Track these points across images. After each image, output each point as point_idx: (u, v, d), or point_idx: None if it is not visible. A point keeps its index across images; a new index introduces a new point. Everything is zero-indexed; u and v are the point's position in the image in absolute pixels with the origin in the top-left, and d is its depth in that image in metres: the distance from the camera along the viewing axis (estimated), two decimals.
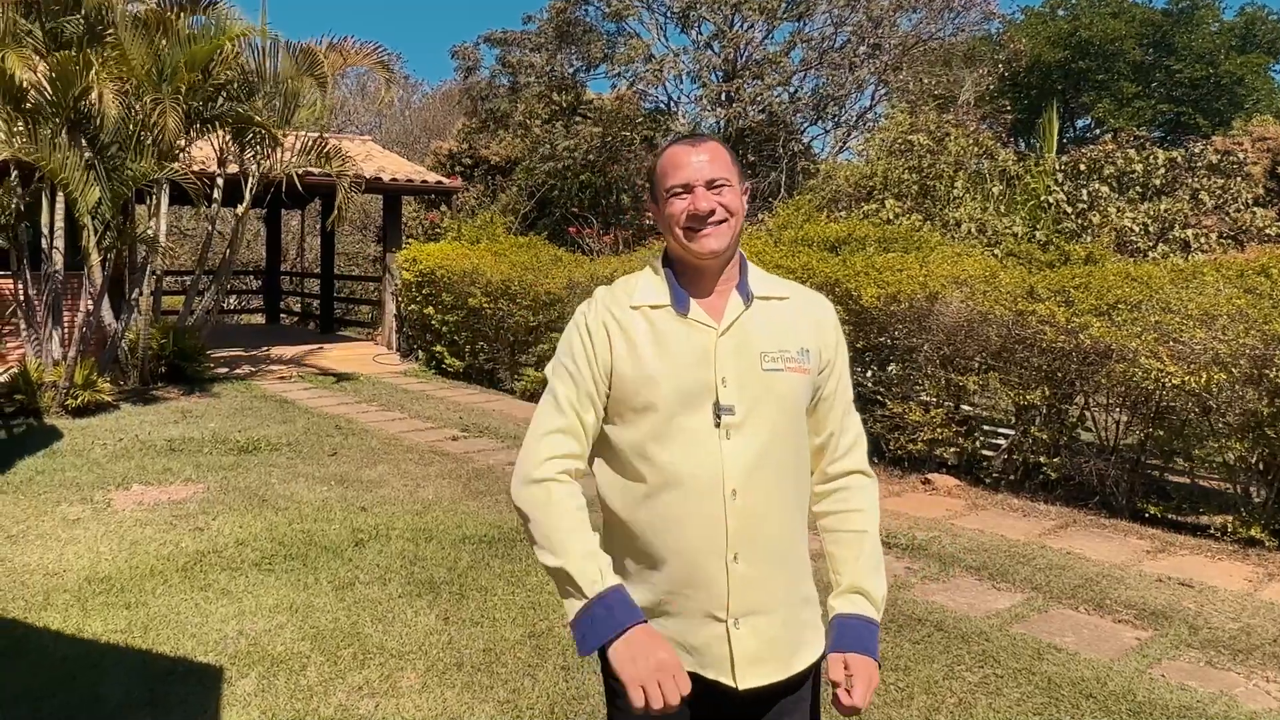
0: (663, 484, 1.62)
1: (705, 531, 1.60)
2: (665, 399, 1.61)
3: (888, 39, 18.17)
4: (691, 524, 1.61)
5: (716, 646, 1.63)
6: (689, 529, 1.61)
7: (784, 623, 1.66)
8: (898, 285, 6.70)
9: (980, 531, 5.55)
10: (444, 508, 5.74)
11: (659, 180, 1.69)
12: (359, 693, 3.36)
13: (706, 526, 1.60)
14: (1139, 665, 3.76)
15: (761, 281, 1.75)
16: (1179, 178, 10.25)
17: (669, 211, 1.66)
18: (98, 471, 6.37)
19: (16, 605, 4.07)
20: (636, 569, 1.68)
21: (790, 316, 1.71)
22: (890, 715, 3.28)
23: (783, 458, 1.66)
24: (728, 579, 1.61)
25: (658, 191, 1.70)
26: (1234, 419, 5.45)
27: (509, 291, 10.27)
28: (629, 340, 1.66)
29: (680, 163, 1.66)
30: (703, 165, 1.65)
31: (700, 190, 1.64)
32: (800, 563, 1.71)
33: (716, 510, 1.60)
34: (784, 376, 1.66)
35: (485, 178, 19.50)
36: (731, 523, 1.60)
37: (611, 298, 1.72)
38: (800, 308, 1.74)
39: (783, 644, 1.66)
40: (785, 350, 1.67)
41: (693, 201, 1.64)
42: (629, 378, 1.64)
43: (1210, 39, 29.44)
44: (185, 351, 9.95)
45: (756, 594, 1.63)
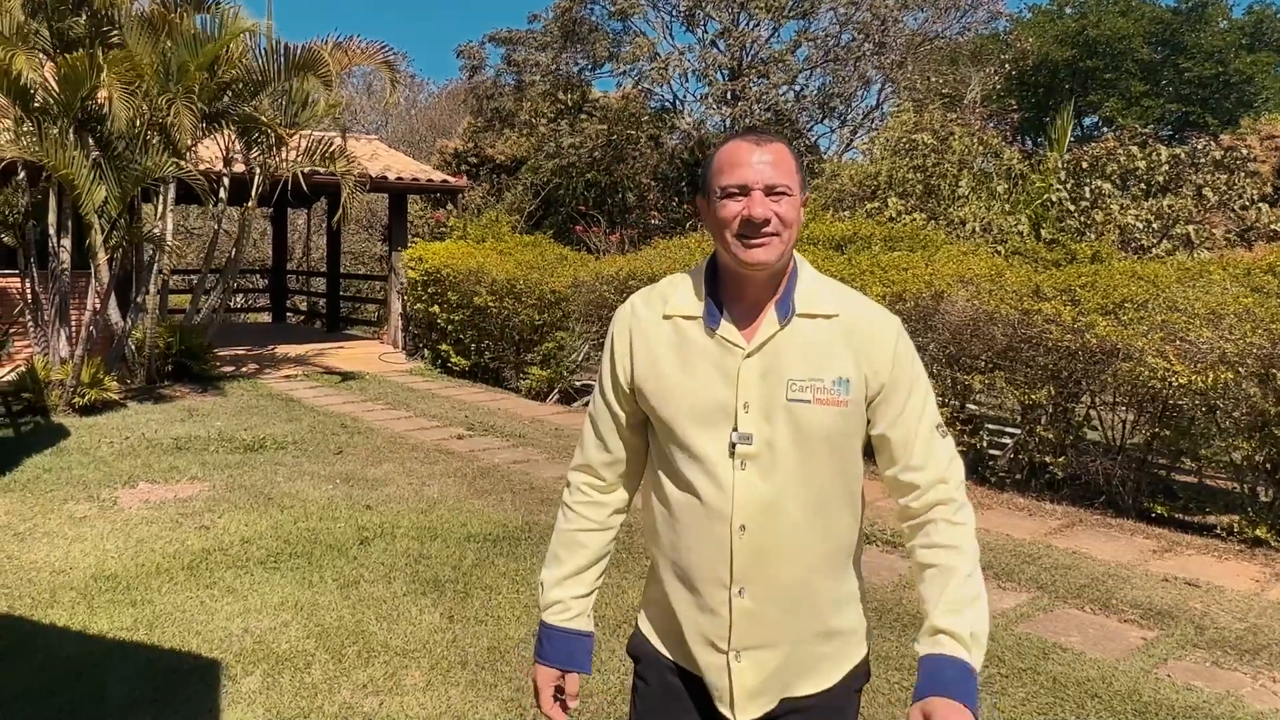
0: (679, 504, 1.57)
1: (710, 560, 1.54)
2: (681, 416, 1.55)
3: (894, 37, 18.14)
4: (699, 550, 1.56)
5: (717, 677, 1.58)
6: (695, 554, 1.56)
7: (791, 656, 1.57)
8: (903, 284, 6.69)
9: (986, 531, 5.54)
10: (449, 506, 5.74)
11: (714, 175, 1.53)
12: (363, 691, 3.37)
13: (713, 555, 1.54)
14: (1145, 665, 3.75)
15: (810, 295, 1.56)
16: (1183, 174, 10.21)
17: (721, 214, 1.51)
18: (104, 469, 6.39)
19: (23, 603, 4.09)
20: (654, 588, 1.67)
21: (831, 339, 1.54)
22: (894, 715, 3.28)
23: (808, 497, 1.54)
24: (730, 612, 1.54)
25: (710, 187, 1.54)
26: (1241, 418, 5.43)
27: (514, 290, 10.28)
28: (651, 354, 1.59)
29: (740, 160, 1.50)
30: (765, 168, 1.49)
31: (758, 195, 1.48)
32: (827, 602, 1.59)
33: (722, 543, 1.53)
34: (811, 409, 1.51)
35: (491, 176, 19.53)
36: (738, 559, 1.52)
37: (646, 303, 1.64)
38: (848, 327, 1.55)
39: (786, 675, 1.58)
40: (818, 379, 1.51)
41: (748, 206, 1.48)
42: (651, 391, 1.58)
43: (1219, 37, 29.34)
44: (192, 350, 9.99)
45: (762, 631, 1.55)
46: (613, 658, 3.64)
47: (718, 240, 1.54)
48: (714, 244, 1.58)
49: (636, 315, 1.62)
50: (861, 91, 19.20)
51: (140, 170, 8.51)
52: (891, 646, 3.82)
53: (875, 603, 4.32)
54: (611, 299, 9.12)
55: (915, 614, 4.18)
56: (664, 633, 1.66)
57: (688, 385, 1.54)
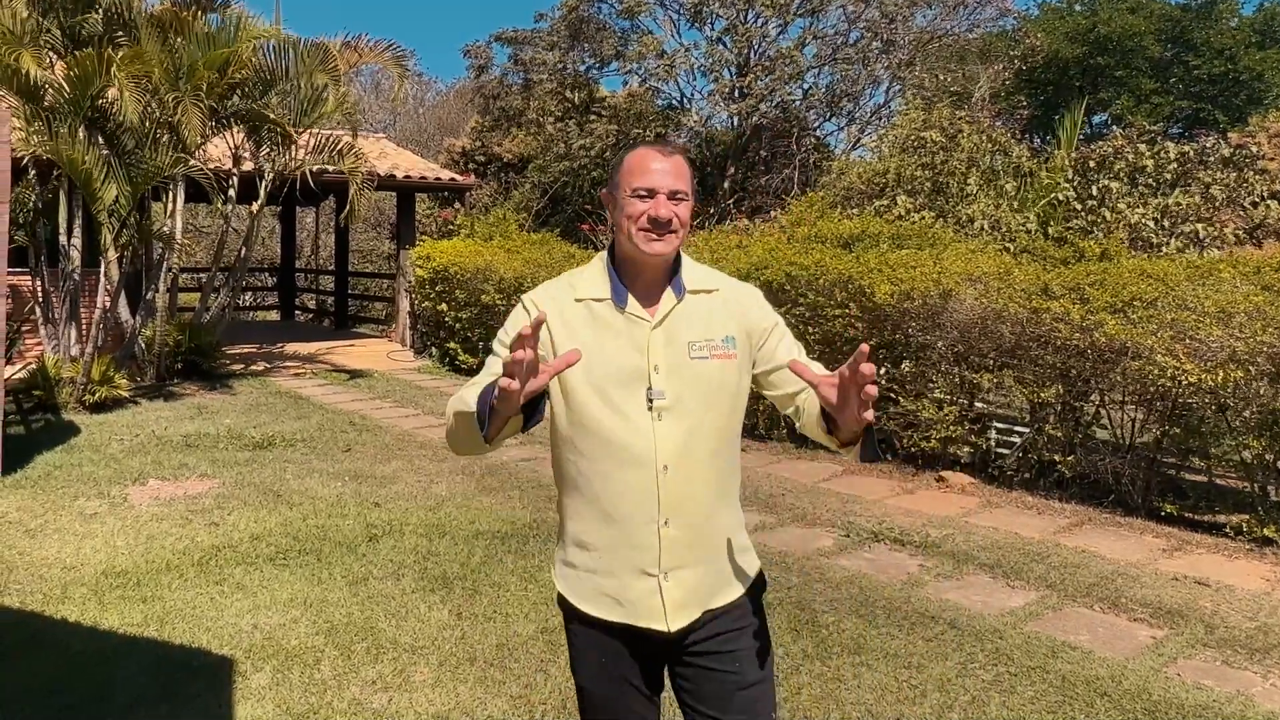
0: (602, 457, 1.80)
1: (640, 500, 1.79)
2: (606, 380, 1.78)
3: (902, 35, 18.09)
4: (629, 493, 1.79)
5: (649, 599, 1.81)
6: (626, 498, 1.79)
7: (705, 573, 1.84)
8: (911, 282, 6.68)
9: (994, 529, 5.53)
10: (457, 503, 5.76)
11: (624, 176, 1.81)
12: (372, 687, 3.38)
13: (642, 496, 1.79)
14: (1154, 664, 3.74)
15: (695, 277, 1.89)
16: (1191, 172, 10.16)
17: (629, 211, 1.79)
18: (114, 466, 6.42)
19: (35, 599, 4.11)
20: (580, 532, 1.86)
21: (716, 308, 1.87)
22: (903, 713, 3.28)
23: (709, 435, 1.82)
24: (659, 541, 1.79)
25: (620, 185, 1.81)
26: (1251, 417, 5.41)
27: (521, 288, 10.28)
28: (569, 329, 1.82)
29: (649, 167, 1.79)
30: (667, 175, 1.78)
31: (662, 198, 1.77)
32: (726, 524, 1.89)
33: (650, 483, 1.78)
34: (709, 364, 1.82)
35: (498, 175, 19.55)
36: (663, 494, 1.78)
37: (556, 290, 1.88)
38: (726, 298, 1.89)
39: (704, 590, 1.84)
40: (711, 340, 1.83)
41: (654, 207, 1.77)
42: None
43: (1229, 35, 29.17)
44: (201, 348, 10.03)
45: (683, 553, 1.81)
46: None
47: (620, 232, 1.82)
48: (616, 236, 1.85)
49: (551, 297, 1.86)
50: (870, 89, 19.17)
51: (150, 168, 8.55)
52: (900, 644, 3.82)
53: (884, 600, 4.32)
54: None
55: (924, 612, 4.18)
56: (585, 593, 1.86)
57: (606, 353, 1.80)
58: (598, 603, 1.84)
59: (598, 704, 1.90)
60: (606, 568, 1.83)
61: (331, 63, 10.04)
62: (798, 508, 5.87)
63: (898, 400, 6.95)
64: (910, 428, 6.84)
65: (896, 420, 6.96)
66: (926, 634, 3.94)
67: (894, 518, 5.72)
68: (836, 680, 3.50)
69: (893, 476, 6.78)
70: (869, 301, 6.83)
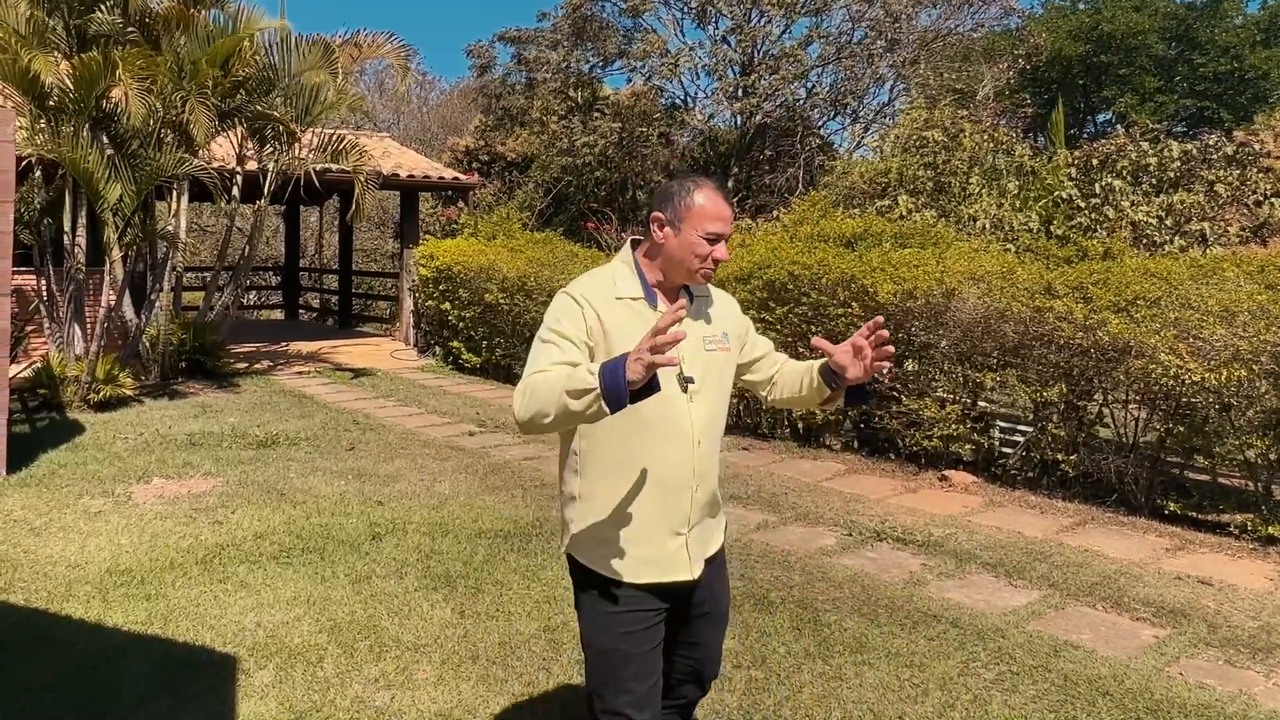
0: (650, 434, 2.09)
1: (680, 470, 2.13)
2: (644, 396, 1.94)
3: (906, 34, 18.07)
4: (670, 465, 2.12)
5: (678, 554, 2.17)
6: (670, 467, 2.13)
7: (707, 527, 2.27)
8: (914, 281, 6.68)
9: (997, 528, 5.53)
10: (460, 502, 5.77)
11: (696, 217, 2.09)
12: (375, 685, 3.39)
13: (681, 467, 2.13)
14: (1157, 663, 3.74)
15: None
16: (1194, 170, 10.13)
17: (697, 250, 2.10)
18: (119, 465, 6.44)
19: (39, 596, 4.13)
20: (624, 507, 2.13)
21: (713, 310, 2.24)
22: (904, 711, 3.28)
23: (720, 414, 2.23)
24: (690, 504, 2.16)
25: (689, 222, 2.09)
26: (1255, 416, 5.41)
27: (525, 287, 10.30)
28: (616, 321, 2.07)
29: (722, 215, 2.11)
30: (730, 223, 2.14)
31: (723, 245, 2.12)
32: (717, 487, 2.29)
33: (687, 455, 2.13)
34: (717, 355, 2.19)
35: (502, 174, 19.56)
36: (696, 465, 2.15)
37: (593, 287, 2.12)
38: (715, 302, 2.26)
39: (707, 541, 2.28)
40: (715, 336, 2.20)
41: (718, 250, 2.12)
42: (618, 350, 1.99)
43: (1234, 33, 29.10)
44: (205, 347, 10.05)
45: (700, 513, 2.20)
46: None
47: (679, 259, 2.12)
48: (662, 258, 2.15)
49: (589, 297, 2.09)
50: (873, 88, 19.14)
51: (154, 168, 8.56)
52: (902, 643, 3.82)
53: (886, 599, 4.32)
54: None
55: (926, 611, 4.18)
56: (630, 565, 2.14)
57: None
58: (637, 569, 2.14)
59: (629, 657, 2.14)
60: (646, 534, 2.13)
61: (334, 58, 10.06)
62: (800, 506, 5.87)
63: (900, 399, 6.95)
64: (913, 426, 6.84)
65: (899, 419, 6.95)
66: (929, 633, 3.94)
67: (896, 517, 5.72)
68: (838, 679, 3.51)
69: (895, 476, 6.78)
70: (872, 300, 6.83)
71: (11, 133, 6.22)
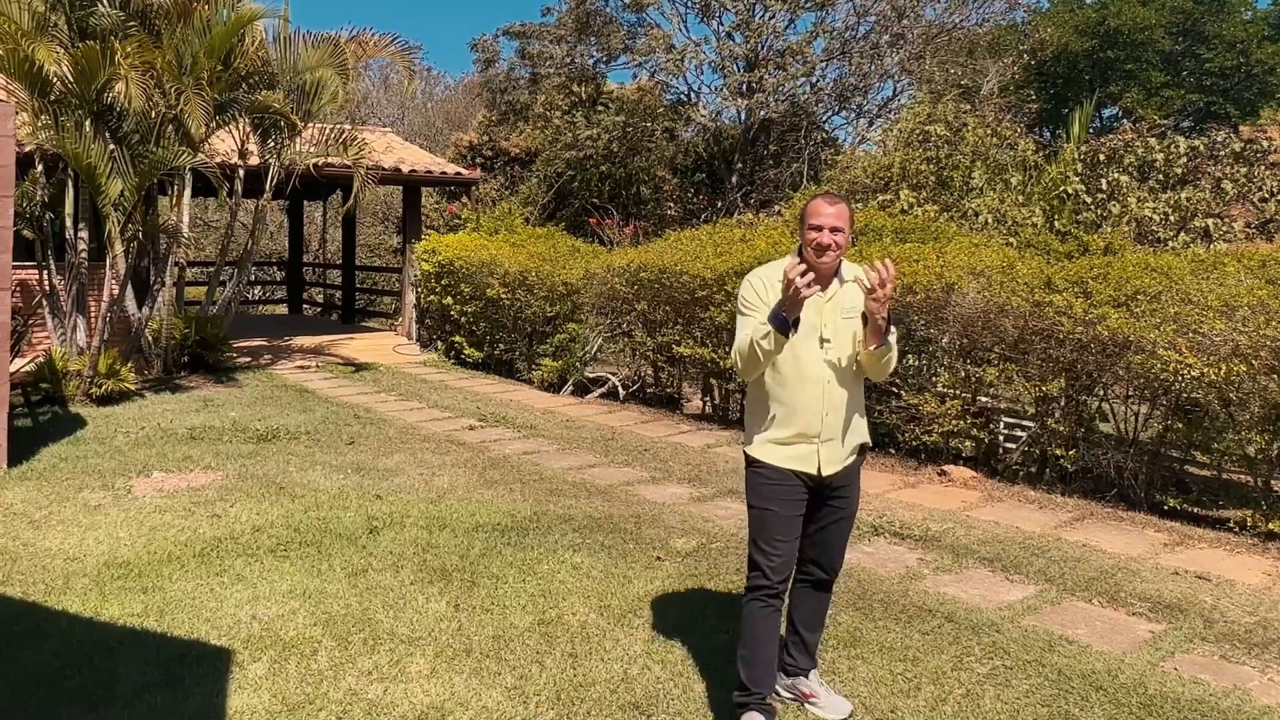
0: (795, 375, 3.02)
1: (815, 401, 3.03)
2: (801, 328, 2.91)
3: (911, 29, 18.00)
4: (809, 398, 3.03)
5: (811, 456, 3.05)
6: (808, 399, 3.03)
7: (840, 444, 3.09)
8: (914, 276, 6.66)
9: (995, 523, 5.52)
10: (459, 496, 5.77)
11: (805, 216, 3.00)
12: (368, 677, 3.40)
13: (816, 399, 3.03)
14: (1152, 658, 3.73)
15: (846, 271, 3.04)
16: (1201, 166, 10.09)
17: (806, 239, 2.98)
18: (119, 459, 6.46)
19: (38, 589, 4.14)
20: (776, 419, 3.07)
21: (855, 290, 2.99)
22: (896, 705, 3.28)
23: (850, 360, 3.06)
24: (821, 423, 3.03)
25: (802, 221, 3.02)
26: (1255, 411, 5.39)
27: (526, 282, 10.30)
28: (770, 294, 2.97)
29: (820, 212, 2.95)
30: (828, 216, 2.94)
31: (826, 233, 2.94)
32: (856, 415, 3.13)
33: (820, 392, 3.03)
34: (853, 321, 3.02)
35: (505, 169, 19.54)
36: (827, 398, 3.03)
37: (767, 273, 3.06)
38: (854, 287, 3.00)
39: (839, 455, 3.09)
40: (854, 309, 3.01)
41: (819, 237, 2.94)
42: None
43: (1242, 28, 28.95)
44: (208, 341, 10.07)
45: (830, 430, 3.05)
46: (616, 646, 3.66)
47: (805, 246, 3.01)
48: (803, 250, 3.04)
49: (764, 276, 3.06)
50: (878, 84, 19.08)
51: (155, 161, 8.58)
52: (896, 637, 3.82)
53: (881, 593, 4.32)
54: (623, 291, 9.13)
55: (921, 605, 4.18)
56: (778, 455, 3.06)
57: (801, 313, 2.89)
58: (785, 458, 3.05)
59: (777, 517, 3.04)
60: (792, 440, 3.05)
61: (339, 56, 10.07)
62: None
63: (900, 394, 6.94)
64: (913, 422, 6.83)
65: (898, 414, 6.94)
66: (923, 627, 3.94)
67: (895, 511, 5.72)
68: (831, 673, 3.50)
69: (895, 470, 6.77)
70: None
71: (12, 128, 6.24)
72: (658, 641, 3.73)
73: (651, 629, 3.86)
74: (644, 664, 3.54)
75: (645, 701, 3.26)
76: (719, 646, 3.64)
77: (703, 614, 4.01)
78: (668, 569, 4.54)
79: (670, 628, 3.87)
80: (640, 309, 8.99)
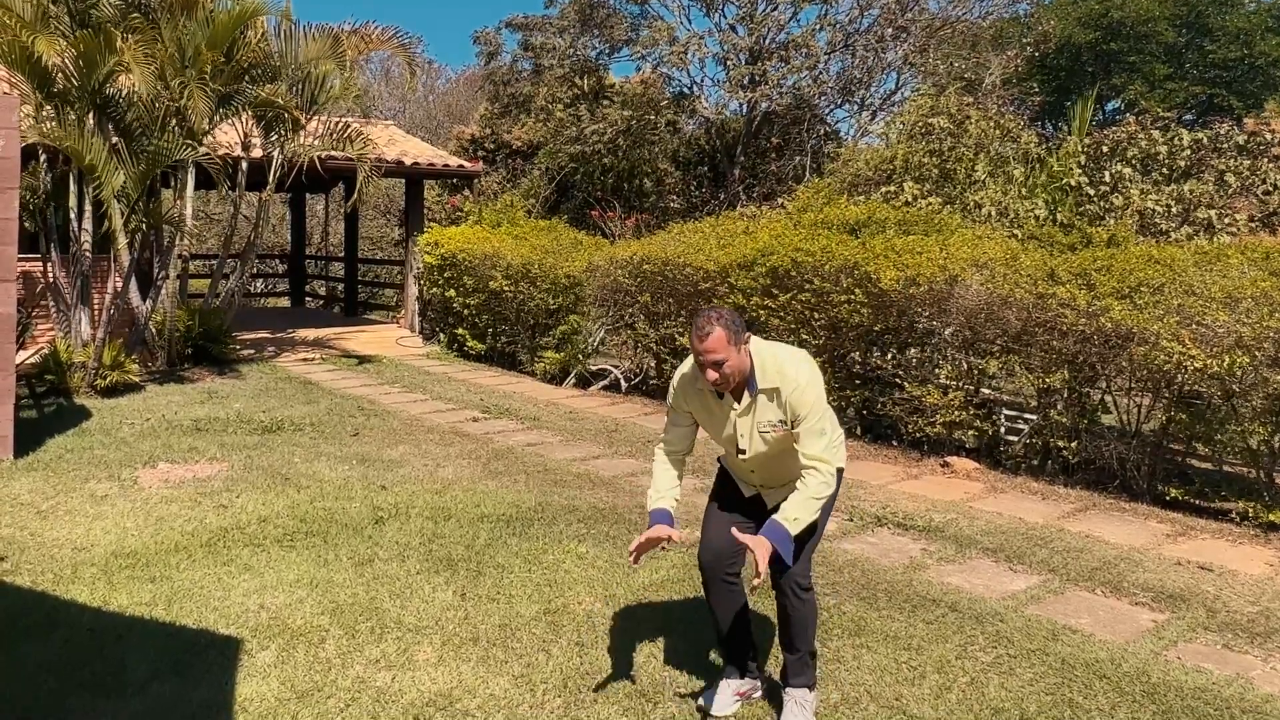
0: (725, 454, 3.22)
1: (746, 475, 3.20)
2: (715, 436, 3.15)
3: (914, 21, 17.97)
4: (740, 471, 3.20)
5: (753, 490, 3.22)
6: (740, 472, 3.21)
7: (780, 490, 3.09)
8: (917, 268, 6.67)
9: (998, 514, 5.54)
10: (463, 487, 5.80)
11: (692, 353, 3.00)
12: (376, 665, 3.42)
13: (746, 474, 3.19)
14: (1155, 647, 3.75)
15: (765, 377, 2.94)
16: (1204, 159, 10.08)
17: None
18: (125, 450, 6.48)
19: (46, 578, 4.17)
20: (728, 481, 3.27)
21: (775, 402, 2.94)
22: (901, 693, 3.30)
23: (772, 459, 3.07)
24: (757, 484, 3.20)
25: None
26: (1257, 403, 5.39)
27: (529, 275, 10.31)
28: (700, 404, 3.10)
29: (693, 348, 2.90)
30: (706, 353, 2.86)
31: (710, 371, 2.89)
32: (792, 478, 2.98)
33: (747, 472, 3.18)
34: (770, 435, 2.99)
35: (507, 162, 19.53)
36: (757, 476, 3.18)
37: (684, 378, 3.11)
38: (783, 393, 2.92)
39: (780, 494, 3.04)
40: (771, 421, 2.97)
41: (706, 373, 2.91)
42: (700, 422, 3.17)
43: (1246, 19, 28.82)
44: (211, 333, 10.09)
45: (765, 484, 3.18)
46: (622, 635, 3.68)
47: None
48: None
49: (681, 379, 3.13)
50: (881, 77, 19.04)
51: (158, 153, 8.59)
52: (900, 626, 3.84)
53: (885, 583, 4.34)
54: (625, 283, 9.14)
55: (925, 595, 4.20)
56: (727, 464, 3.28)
57: (715, 423, 3.10)
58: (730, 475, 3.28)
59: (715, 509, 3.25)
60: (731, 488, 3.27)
61: (340, 49, 10.06)
62: None
63: (903, 386, 6.95)
64: (916, 413, 6.85)
65: (901, 406, 6.96)
66: (927, 617, 3.96)
67: (898, 502, 5.74)
68: (836, 661, 3.53)
69: (898, 462, 6.79)
70: (874, 287, 6.83)
71: (15, 120, 6.24)
72: (662, 630, 3.75)
73: (657, 618, 3.88)
74: (649, 653, 3.56)
75: (651, 689, 3.29)
76: None
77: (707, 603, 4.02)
78: (672, 559, 4.56)
79: (675, 617, 3.89)
80: (643, 301, 9.00)
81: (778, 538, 2.81)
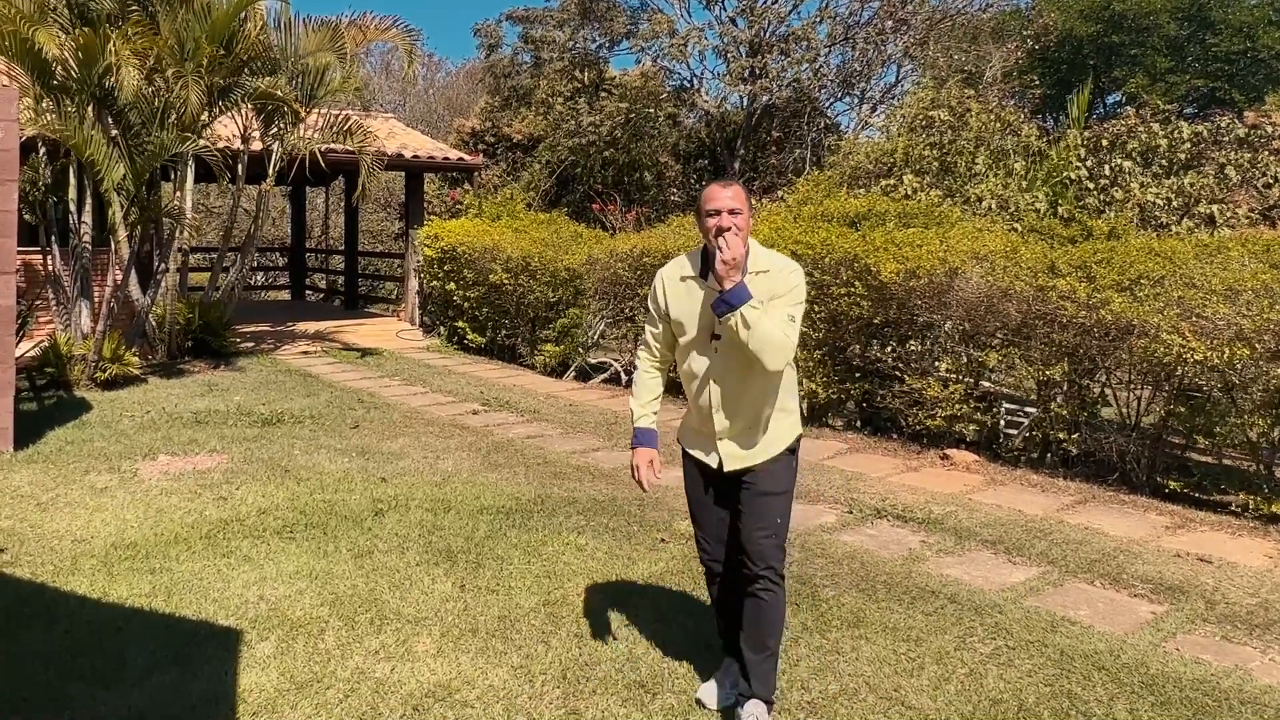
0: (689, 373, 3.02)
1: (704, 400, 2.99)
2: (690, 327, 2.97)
3: (915, 14, 17.93)
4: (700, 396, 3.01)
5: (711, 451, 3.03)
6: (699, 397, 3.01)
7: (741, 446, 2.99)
8: (917, 261, 6.66)
9: (998, 506, 5.54)
10: (463, 479, 5.80)
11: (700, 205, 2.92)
12: (375, 656, 3.42)
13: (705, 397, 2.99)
14: (1153, 639, 3.75)
15: (754, 263, 2.91)
16: (1205, 152, 10.06)
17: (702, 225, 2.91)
18: (125, 442, 6.49)
19: (46, 570, 4.17)
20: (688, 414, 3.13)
21: (765, 284, 2.87)
22: (899, 684, 3.30)
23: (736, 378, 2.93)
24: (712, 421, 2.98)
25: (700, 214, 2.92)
26: (1257, 395, 5.39)
27: (529, 268, 10.30)
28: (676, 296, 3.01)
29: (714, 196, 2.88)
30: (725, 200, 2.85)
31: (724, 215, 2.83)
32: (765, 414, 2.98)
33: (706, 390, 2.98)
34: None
35: (507, 155, 19.52)
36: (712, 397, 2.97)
37: (668, 271, 3.06)
38: (773, 276, 2.90)
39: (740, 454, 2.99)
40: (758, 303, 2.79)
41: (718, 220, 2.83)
42: (672, 317, 3.02)
43: (1248, 12, 28.75)
44: (211, 326, 10.09)
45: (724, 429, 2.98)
46: (621, 626, 3.69)
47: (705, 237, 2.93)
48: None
49: (665, 277, 3.06)
50: (881, 69, 19.02)
51: (157, 146, 8.57)
52: (899, 618, 3.84)
53: (884, 575, 4.34)
54: (625, 276, 9.14)
55: (924, 587, 4.21)
56: (689, 441, 3.14)
57: (693, 316, 2.97)
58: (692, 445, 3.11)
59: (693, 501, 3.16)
60: (695, 428, 3.08)
61: (339, 41, 10.04)
62: (801, 484, 5.83)
63: (903, 379, 6.95)
64: (916, 406, 6.84)
65: (901, 399, 6.96)
66: (926, 608, 3.96)
67: (897, 495, 5.74)
68: (835, 653, 3.53)
69: (897, 455, 6.79)
70: (875, 280, 6.82)
71: (15, 111, 6.23)
72: (662, 622, 3.76)
73: (656, 609, 3.88)
74: (648, 644, 3.57)
75: (650, 680, 3.29)
76: None
77: (705, 595, 4.02)
78: (671, 550, 4.57)
79: (674, 608, 3.90)
80: (643, 294, 8.99)
81: (737, 296, 2.76)
